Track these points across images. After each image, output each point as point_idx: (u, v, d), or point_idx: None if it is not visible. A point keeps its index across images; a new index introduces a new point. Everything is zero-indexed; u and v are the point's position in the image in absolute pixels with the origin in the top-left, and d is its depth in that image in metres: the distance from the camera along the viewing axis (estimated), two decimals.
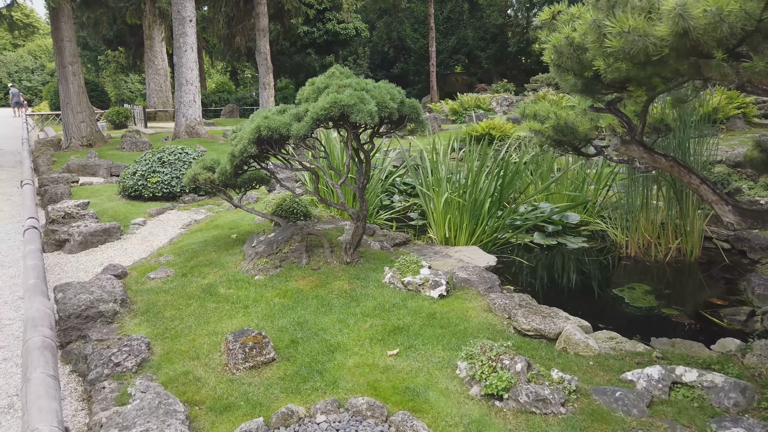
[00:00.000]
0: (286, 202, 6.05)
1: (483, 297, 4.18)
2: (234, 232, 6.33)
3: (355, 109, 4.23)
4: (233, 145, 4.76)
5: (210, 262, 5.21)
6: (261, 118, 4.51)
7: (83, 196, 8.79)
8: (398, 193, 8.69)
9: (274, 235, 5.14)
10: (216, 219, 7.33)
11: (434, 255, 5.18)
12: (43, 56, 60.54)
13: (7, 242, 6.82)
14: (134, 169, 8.55)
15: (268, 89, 20.06)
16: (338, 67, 5.04)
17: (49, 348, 2.45)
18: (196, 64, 15.12)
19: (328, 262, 4.91)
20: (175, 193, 8.52)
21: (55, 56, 14.44)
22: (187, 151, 8.88)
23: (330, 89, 4.51)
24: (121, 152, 13.63)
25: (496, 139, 10.90)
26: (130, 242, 6.57)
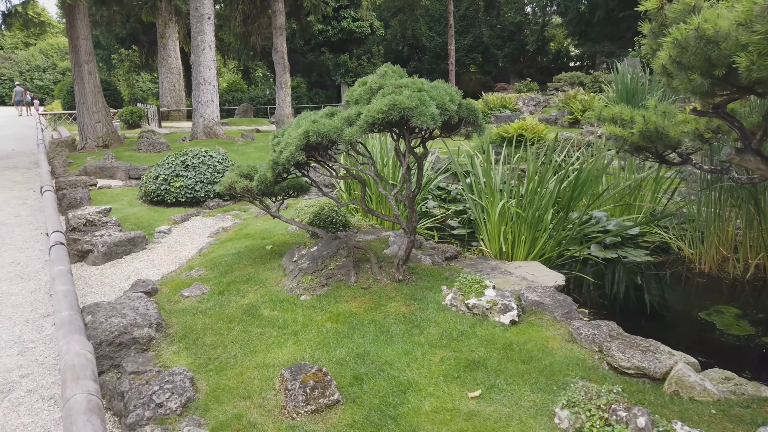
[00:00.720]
0: (324, 211, 5.63)
1: (561, 324, 3.73)
2: (268, 242, 5.91)
3: (416, 112, 3.79)
4: (276, 152, 4.34)
5: (248, 278, 4.78)
6: (309, 122, 4.08)
7: (103, 201, 8.41)
8: (432, 198, 8.24)
9: (317, 249, 4.71)
10: (245, 227, 6.91)
11: (492, 271, 4.73)
12: (54, 55, 60.61)
13: (25, 251, 6.45)
14: (156, 172, 8.16)
15: (285, 88, 19.69)
16: (390, 66, 4.60)
17: (96, 410, 2.04)
18: (214, 62, 14.74)
19: (378, 279, 4.48)
20: (199, 199, 8.13)
21: (70, 55, 14.12)
22: (211, 154, 8.48)
23: (385, 90, 4.07)
24: (138, 153, 13.27)
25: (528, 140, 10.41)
26: (156, 253, 6.17)
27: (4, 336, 4.32)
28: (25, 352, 4.07)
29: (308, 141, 4.02)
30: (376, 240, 5.62)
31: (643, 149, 4.01)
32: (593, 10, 24.57)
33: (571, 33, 28.67)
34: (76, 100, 14.22)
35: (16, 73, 55.81)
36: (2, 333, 4.37)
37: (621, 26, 24.10)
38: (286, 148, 4.08)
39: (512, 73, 32.48)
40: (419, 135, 4.44)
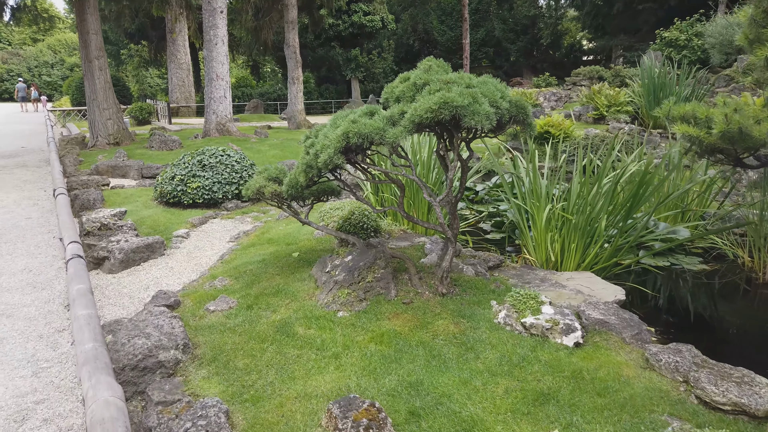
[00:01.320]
0: (355, 216, 5.27)
1: (631, 347, 3.35)
2: (293, 248, 5.56)
3: (469, 111, 3.42)
4: (309, 155, 3.98)
5: (277, 290, 4.43)
6: (348, 122, 3.71)
7: (117, 203, 8.09)
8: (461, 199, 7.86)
9: (352, 259, 4.35)
10: (267, 231, 6.57)
11: (541, 283, 4.36)
12: (62, 50, 60.52)
13: (38, 257, 6.13)
14: (172, 172, 7.83)
15: (297, 84, 19.32)
16: (433, 59, 4.22)
17: None
18: (227, 57, 14.38)
19: (420, 293, 4.12)
20: (217, 200, 7.79)
21: (80, 50, 13.81)
22: (228, 153, 8.13)
23: (431, 86, 3.70)
24: (150, 151, 12.96)
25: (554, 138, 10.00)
26: (176, 259, 5.84)
27: (17, 354, 4.00)
28: (39, 373, 3.75)
29: (348, 143, 3.66)
30: (411, 247, 5.25)
31: (720, 151, 3.63)
32: (611, 3, 23.98)
33: (587, 26, 28.08)
34: (87, 96, 13.91)
35: (24, 69, 55.74)
36: (15, 350, 4.05)
37: (639, 19, 23.53)
38: (323, 150, 3.71)
39: (525, 68, 31.91)
40: (467, 135, 4.06)
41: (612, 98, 12.53)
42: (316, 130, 4.26)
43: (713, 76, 14.78)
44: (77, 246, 4.13)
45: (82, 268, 3.59)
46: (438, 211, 3.90)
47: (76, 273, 3.47)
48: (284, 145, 13.06)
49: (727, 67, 15.87)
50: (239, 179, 7.90)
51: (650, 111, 11.61)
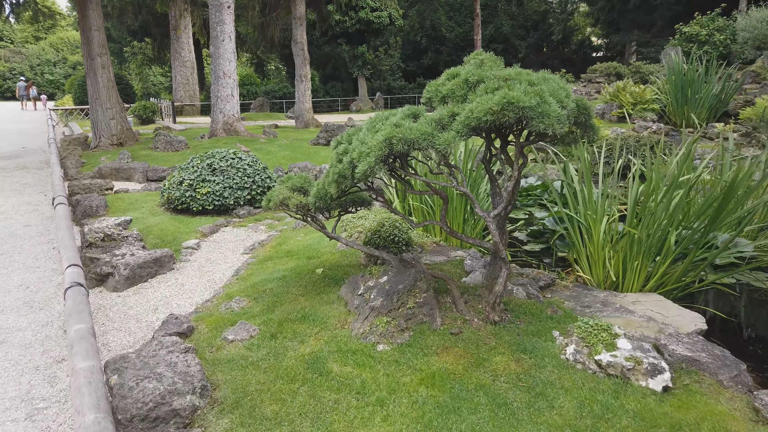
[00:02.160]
0: (385, 228, 4.75)
1: (731, 392, 2.83)
2: (316, 263, 5.05)
3: (537, 113, 2.90)
4: (342, 163, 3.46)
5: (303, 315, 3.92)
6: (390, 126, 3.19)
7: (121, 209, 7.59)
8: None
9: (387, 280, 3.83)
10: (284, 242, 6.06)
11: (604, 308, 3.83)
12: (65, 49, 60.08)
13: (36, 271, 5.64)
14: (180, 177, 7.32)
15: (305, 82, 18.81)
16: (482, 53, 3.71)
17: None
18: (234, 54, 13.87)
19: (468, 320, 3.60)
20: (228, 206, 7.28)
21: (82, 47, 13.31)
22: (240, 156, 7.62)
23: (487, 84, 3.17)
24: (155, 152, 12.46)
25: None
26: (186, 274, 5.33)
27: (10, 391, 3.51)
28: (34, 416, 3.25)
29: (391, 150, 3.14)
30: (448, 263, 4.74)
31: None
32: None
33: (600, 22, 27.46)
34: (89, 95, 13.43)
35: (27, 68, 55.34)
36: (7, 386, 3.56)
37: (655, 14, 22.93)
38: (362, 158, 3.19)
39: (536, 65, 31.27)
40: (520, 140, 3.54)
41: (638, 96, 11.97)
42: (348, 134, 3.74)
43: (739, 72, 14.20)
44: (77, 272, 3.59)
45: (82, 301, 3.07)
46: (493, 228, 3.38)
47: (75, 307, 2.93)
48: (294, 145, 12.55)
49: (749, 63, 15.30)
50: (251, 184, 7.39)
51: (679, 108, 11.06)
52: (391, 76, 33.53)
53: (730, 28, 17.23)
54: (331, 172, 3.64)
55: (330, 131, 12.11)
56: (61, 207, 5.00)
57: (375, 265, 4.76)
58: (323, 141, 12.17)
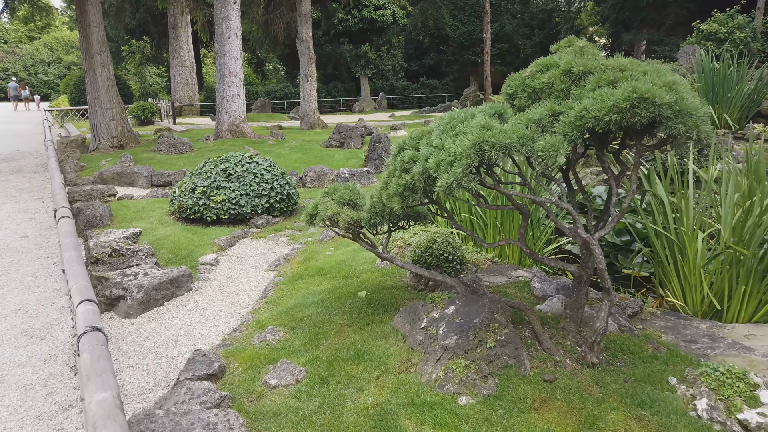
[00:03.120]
0: (437, 245, 4.15)
1: None
2: (356, 284, 4.44)
3: (675, 111, 2.31)
4: (411, 175, 2.86)
5: (356, 353, 3.31)
6: (478, 129, 2.59)
7: (127, 218, 6.96)
8: None
9: (456, 311, 3.23)
10: (311, 256, 5.45)
11: (713, 343, 3.24)
12: (59, 49, 59.21)
13: (35, 291, 5.01)
14: (192, 183, 6.69)
15: (311, 81, 18.19)
16: (575, 39, 3.11)
17: None
18: (240, 52, 13.23)
19: (559, 362, 3.00)
20: (245, 215, 6.67)
21: (80, 45, 12.66)
22: (257, 160, 7.00)
23: (600, 75, 2.58)
24: (159, 155, 11.81)
25: None
26: (206, 296, 4.71)
27: None
28: None
29: (481, 157, 2.54)
30: (511, 284, 4.13)
31: None
32: None
33: (609, 20, 26.93)
34: (88, 95, 12.77)
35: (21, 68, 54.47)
36: None
37: (667, 11, 22.44)
38: (442, 168, 2.59)
39: None
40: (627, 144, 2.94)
41: None
42: (413, 138, 3.14)
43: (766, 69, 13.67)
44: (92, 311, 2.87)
45: (103, 354, 2.39)
46: (598, 253, 2.78)
47: (95, 365, 2.23)
48: (305, 147, 11.93)
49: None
50: (270, 190, 6.78)
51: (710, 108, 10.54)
52: (393, 75, 32.93)
53: (750, 26, 16.72)
54: (393, 184, 3.03)
55: (343, 132, 11.51)
56: (65, 221, 4.35)
57: (425, 287, 4.16)
58: (336, 143, 11.57)
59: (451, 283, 3.44)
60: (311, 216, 3.61)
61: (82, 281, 3.12)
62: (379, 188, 3.31)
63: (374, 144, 9.53)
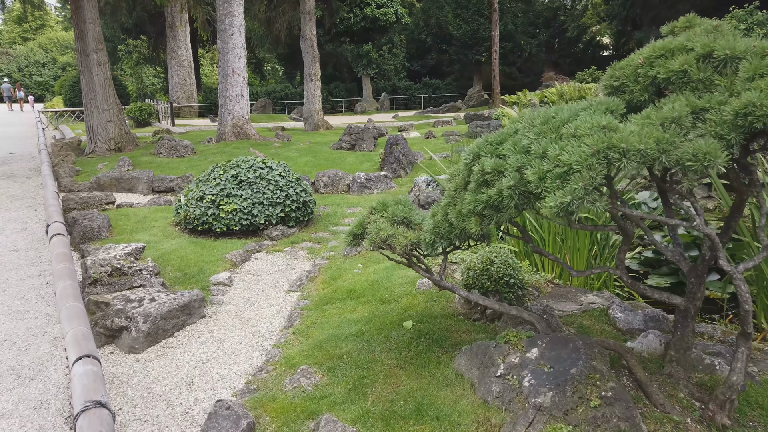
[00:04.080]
0: (495, 266, 3.54)
1: None
2: (397, 310, 3.82)
3: None
4: (490, 190, 2.24)
5: (416, 407, 2.70)
6: (598, 131, 1.98)
7: (127, 229, 6.32)
8: None
9: (540, 354, 2.62)
10: (338, 274, 4.83)
11: None
12: (54, 49, 58.35)
13: (24, 318, 4.38)
14: (200, 191, 6.07)
15: (315, 81, 17.57)
16: (696, 18, 2.52)
17: None
18: (244, 50, 12.60)
19: (680, 423, 2.39)
20: (258, 226, 6.04)
21: (75, 43, 12.01)
22: (270, 165, 6.38)
23: (761, 60, 1.97)
24: (159, 159, 11.17)
25: None
26: (222, 324, 4.09)
27: None
28: None
29: (608, 169, 1.93)
30: (584, 314, 3.52)
31: None
32: None
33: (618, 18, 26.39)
34: (84, 95, 12.12)
35: (15, 69, 53.62)
36: None
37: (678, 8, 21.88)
38: (551, 183, 1.98)
39: (546, 63, 30.22)
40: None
41: None
42: (491, 143, 2.52)
43: None
44: (94, 375, 2.21)
45: None
46: (743, 290, 2.17)
47: None
48: (314, 150, 11.30)
49: None
50: (285, 198, 6.16)
51: None
52: (395, 75, 32.32)
53: None
54: (468, 201, 2.42)
55: (354, 134, 10.90)
56: (58, 241, 3.66)
57: (482, 316, 3.55)
58: (347, 145, 10.95)
59: (528, 318, 2.83)
60: (355, 236, 3.00)
61: (79, 325, 2.49)
62: (443, 204, 2.70)
63: (390, 146, 8.92)
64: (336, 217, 7.01)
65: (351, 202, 7.82)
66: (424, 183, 6.65)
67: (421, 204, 6.29)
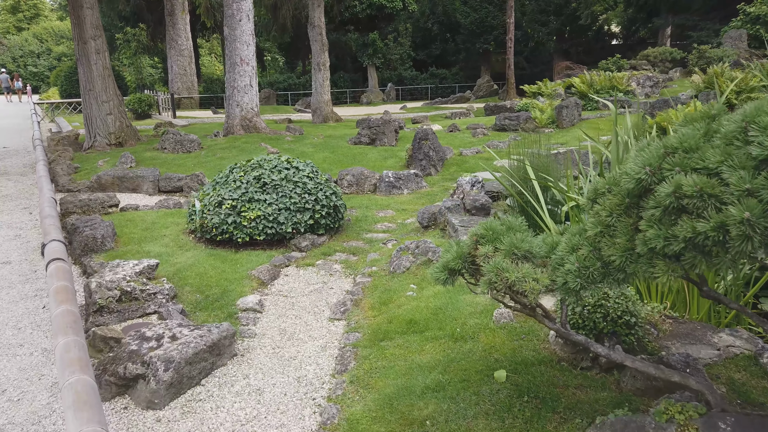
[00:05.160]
0: (612, 301, 2.80)
1: None
2: (478, 351, 3.09)
3: None
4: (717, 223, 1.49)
5: None
6: None
7: (135, 238, 5.57)
8: None
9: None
10: (388, 297, 4.09)
11: None
12: (49, 39, 57.08)
13: (17, 355, 3.64)
14: (218, 195, 5.31)
15: (323, 71, 16.74)
16: None
17: None
18: (253, 37, 11.77)
19: None
20: (284, 235, 5.30)
21: (72, 29, 11.18)
22: (296, 165, 5.62)
23: None
24: (164, 154, 10.37)
25: None
26: (258, 365, 3.35)
27: None
28: None
29: None
30: (725, 361, 2.78)
31: None
32: None
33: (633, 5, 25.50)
34: (81, 86, 11.30)
35: (9, 60, 52.45)
36: None
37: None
38: None
39: (558, 53, 29.34)
40: None
41: (742, 82, 10.10)
42: (674, 149, 1.76)
43: None
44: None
45: None
46: None
47: None
48: (331, 145, 10.49)
49: None
50: (314, 203, 5.41)
51: None
52: (401, 65, 31.41)
53: None
54: (652, 235, 1.67)
55: (374, 127, 10.10)
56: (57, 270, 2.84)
57: (593, 364, 2.81)
58: (366, 139, 10.15)
59: (697, 387, 2.08)
60: (452, 272, 2.25)
61: (85, 392, 1.73)
62: (591, 234, 1.95)
63: (419, 141, 8.13)
64: (366, 222, 6.26)
65: (380, 203, 7.07)
66: (468, 184, 5.90)
67: (468, 209, 5.54)
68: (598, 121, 10.78)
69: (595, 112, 11.83)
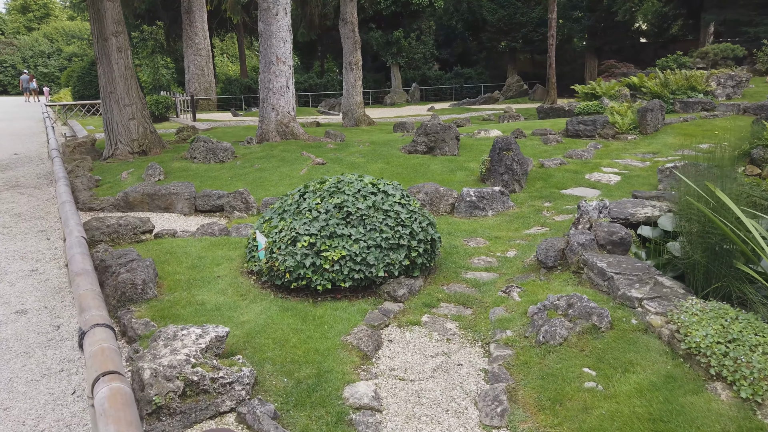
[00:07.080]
0: None
1: None
2: None
3: None
4: None
5: None
6: None
7: (181, 282, 4.41)
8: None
9: None
10: (557, 391, 2.91)
11: None
12: (59, 39, 56.27)
13: None
14: (290, 231, 4.15)
15: (355, 70, 15.57)
16: None
17: None
18: (290, 33, 10.62)
19: None
20: (373, 279, 4.12)
21: (91, 25, 10.07)
22: (384, 189, 4.45)
23: None
24: (194, 164, 9.21)
25: None
26: None
27: None
28: None
29: None
30: None
31: None
32: None
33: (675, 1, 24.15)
34: (101, 87, 10.19)
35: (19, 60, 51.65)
36: None
37: None
38: None
39: (591, 51, 27.97)
40: None
41: None
42: None
43: None
44: None
45: None
46: None
47: None
48: (381, 153, 9.28)
49: None
50: (409, 238, 4.23)
51: None
52: (425, 64, 30.13)
53: None
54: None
55: (431, 134, 8.89)
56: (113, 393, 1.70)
57: None
58: (423, 147, 8.94)
59: None
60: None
61: None
62: None
63: (500, 152, 6.93)
64: (458, 256, 5.08)
65: (463, 228, 5.89)
66: (595, 210, 4.69)
67: (601, 244, 4.34)
68: (684, 125, 9.52)
69: (676, 115, 10.58)
